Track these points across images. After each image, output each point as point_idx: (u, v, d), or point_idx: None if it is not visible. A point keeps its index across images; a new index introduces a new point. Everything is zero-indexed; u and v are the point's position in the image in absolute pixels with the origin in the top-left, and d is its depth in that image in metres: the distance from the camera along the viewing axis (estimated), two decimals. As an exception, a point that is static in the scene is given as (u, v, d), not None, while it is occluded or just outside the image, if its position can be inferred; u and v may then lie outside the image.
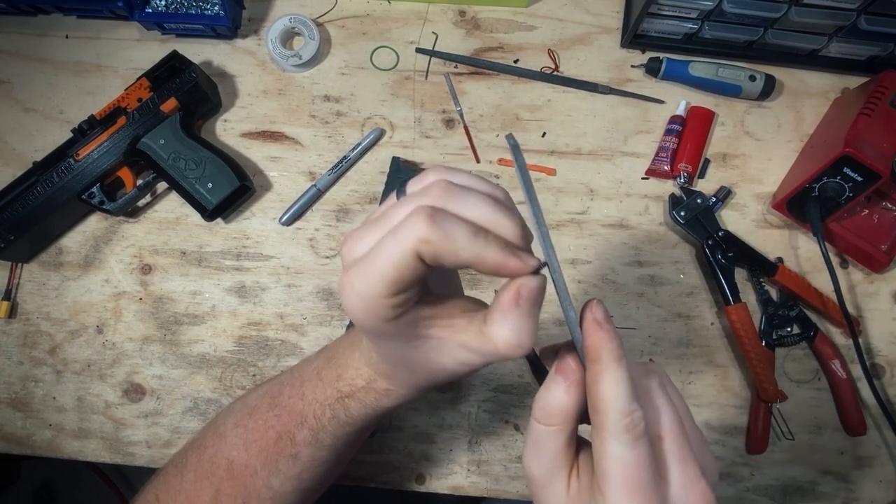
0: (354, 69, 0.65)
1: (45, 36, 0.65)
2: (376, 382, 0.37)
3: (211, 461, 0.43)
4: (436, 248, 0.26)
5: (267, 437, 0.42)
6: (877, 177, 0.54)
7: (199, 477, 0.43)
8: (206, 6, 0.62)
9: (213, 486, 0.42)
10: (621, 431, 0.27)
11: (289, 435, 0.41)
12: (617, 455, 0.27)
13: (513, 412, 0.58)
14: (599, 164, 0.63)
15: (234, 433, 0.43)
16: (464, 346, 0.31)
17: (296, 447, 0.41)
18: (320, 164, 0.63)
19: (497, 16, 0.66)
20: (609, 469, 0.27)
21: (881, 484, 0.58)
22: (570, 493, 0.30)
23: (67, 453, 0.58)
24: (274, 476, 0.42)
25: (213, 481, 0.43)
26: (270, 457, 0.42)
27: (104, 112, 0.59)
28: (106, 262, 0.61)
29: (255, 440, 0.42)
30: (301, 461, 0.42)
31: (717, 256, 0.59)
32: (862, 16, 0.57)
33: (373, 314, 0.28)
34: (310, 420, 0.40)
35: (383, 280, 0.27)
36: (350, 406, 0.39)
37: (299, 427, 0.41)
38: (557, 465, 0.30)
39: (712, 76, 0.63)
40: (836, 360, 0.58)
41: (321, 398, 0.40)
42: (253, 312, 0.60)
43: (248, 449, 0.42)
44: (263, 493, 0.43)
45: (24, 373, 0.59)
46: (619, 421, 0.27)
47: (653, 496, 0.27)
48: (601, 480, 0.27)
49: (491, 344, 0.30)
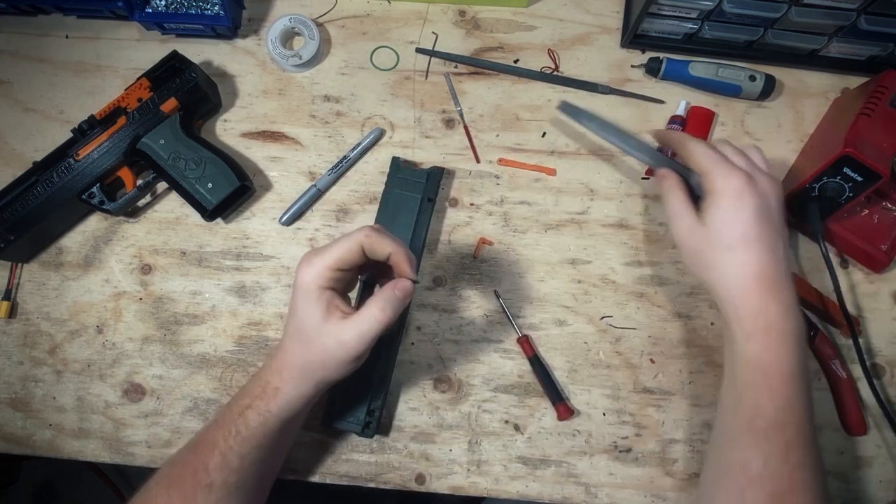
0: (354, 69, 0.65)
1: (45, 36, 0.65)
2: (269, 385, 0.46)
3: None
4: (372, 242, 0.44)
5: (185, 475, 0.45)
6: (877, 177, 0.54)
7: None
8: (206, 6, 0.62)
9: None
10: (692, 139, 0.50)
11: (203, 466, 0.44)
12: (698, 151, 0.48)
13: (513, 412, 0.58)
14: (599, 164, 0.63)
15: (158, 485, 0.46)
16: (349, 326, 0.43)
17: (209, 476, 0.44)
18: (320, 164, 0.63)
19: (497, 16, 0.66)
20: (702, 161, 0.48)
21: (881, 484, 0.58)
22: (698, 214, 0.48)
23: (67, 453, 0.58)
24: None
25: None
26: (188, 494, 0.44)
27: (104, 112, 0.58)
28: (106, 262, 0.61)
29: (175, 482, 0.45)
30: (215, 491, 0.44)
31: (717, 256, 0.59)
32: (862, 16, 0.57)
33: (315, 277, 0.44)
34: (220, 444, 0.45)
35: (332, 256, 0.44)
36: (248, 417, 0.45)
37: (211, 454, 0.45)
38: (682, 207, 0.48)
39: (712, 76, 0.63)
40: (836, 360, 0.58)
41: (228, 420, 0.46)
42: (253, 312, 0.60)
43: (170, 493, 0.45)
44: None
45: (24, 373, 0.59)
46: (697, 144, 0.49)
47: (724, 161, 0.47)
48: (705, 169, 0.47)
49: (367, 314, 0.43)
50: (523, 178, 0.63)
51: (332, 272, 0.44)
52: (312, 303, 0.44)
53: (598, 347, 0.59)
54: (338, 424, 0.54)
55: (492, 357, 0.59)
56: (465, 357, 0.59)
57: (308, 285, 0.44)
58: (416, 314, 0.60)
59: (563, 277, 0.61)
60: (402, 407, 0.58)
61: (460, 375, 0.59)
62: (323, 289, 0.44)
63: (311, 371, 0.45)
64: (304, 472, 0.57)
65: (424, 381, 0.59)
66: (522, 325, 0.59)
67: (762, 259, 0.45)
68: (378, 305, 0.43)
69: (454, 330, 0.60)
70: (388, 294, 0.44)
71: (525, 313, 0.60)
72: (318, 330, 0.44)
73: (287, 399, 0.45)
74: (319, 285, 0.44)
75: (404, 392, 0.58)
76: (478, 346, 0.59)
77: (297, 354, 0.46)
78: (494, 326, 0.60)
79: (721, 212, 0.45)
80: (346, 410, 0.55)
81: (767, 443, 0.42)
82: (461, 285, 0.61)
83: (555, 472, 0.57)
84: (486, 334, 0.60)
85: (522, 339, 0.58)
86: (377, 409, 0.55)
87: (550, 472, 0.57)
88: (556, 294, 0.60)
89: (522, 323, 0.60)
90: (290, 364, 0.46)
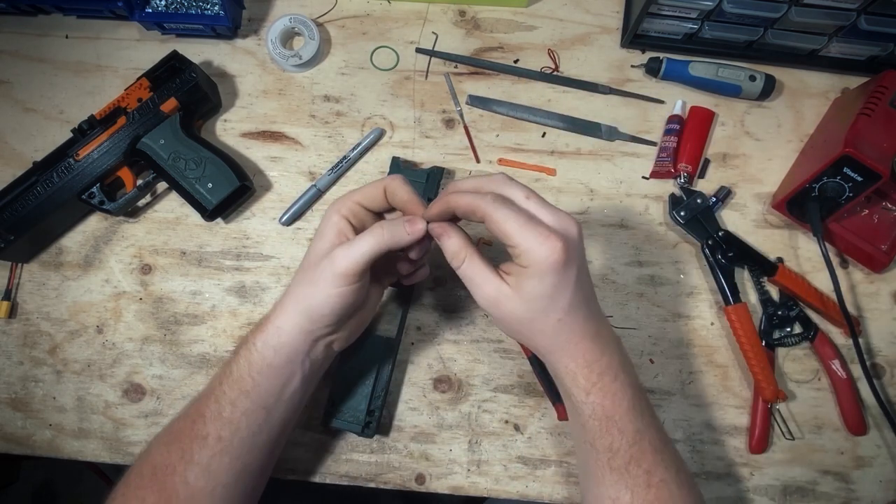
0: (354, 69, 0.65)
1: (45, 36, 0.65)
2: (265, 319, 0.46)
3: (138, 475, 0.45)
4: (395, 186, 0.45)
5: (184, 427, 0.45)
6: (877, 177, 0.54)
7: (127, 497, 0.45)
8: (206, 6, 0.62)
9: (138, 499, 0.44)
10: (496, 204, 0.41)
11: (200, 415, 0.45)
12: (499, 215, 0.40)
13: (513, 412, 0.58)
14: (599, 164, 0.63)
15: (159, 442, 0.46)
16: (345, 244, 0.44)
17: (206, 426, 0.44)
18: (320, 164, 0.63)
19: (497, 16, 0.66)
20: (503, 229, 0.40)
21: (881, 484, 0.58)
22: (507, 279, 0.43)
23: (67, 453, 0.58)
24: (189, 468, 0.44)
25: (138, 494, 0.44)
26: (186, 445, 0.44)
27: (104, 112, 0.58)
28: (106, 262, 0.61)
29: (175, 437, 0.45)
30: (209, 445, 0.44)
31: (717, 256, 0.59)
32: (862, 16, 0.57)
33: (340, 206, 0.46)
34: (215, 389, 0.45)
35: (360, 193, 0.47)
36: (239, 354, 0.46)
37: (207, 401, 0.45)
38: (489, 276, 0.43)
39: (712, 76, 0.63)
40: (836, 360, 0.58)
41: (226, 364, 0.46)
42: (253, 312, 0.60)
43: (170, 447, 0.45)
44: (181, 492, 0.44)
45: (24, 373, 0.59)
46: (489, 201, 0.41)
47: (536, 224, 0.40)
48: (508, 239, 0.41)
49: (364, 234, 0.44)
50: (523, 178, 0.63)
51: (356, 206, 0.46)
52: (329, 227, 0.45)
53: (598, 347, 0.59)
54: (338, 424, 0.54)
55: (492, 357, 0.59)
56: (465, 357, 0.59)
57: (331, 212, 0.46)
58: (416, 314, 0.60)
59: (563, 277, 0.60)
60: (402, 407, 0.58)
61: (460, 375, 0.59)
62: (341, 216, 0.45)
63: (302, 296, 0.45)
64: (304, 472, 0.57)
65: (424, 381, 0.59)
66: (522, 325, 0.59)
67: (587, 317, 0.43)
68: (379, 226, 0.43)
69: (454, 330, 0.60)
70: (395, 222, 0.44)
71: (525, 313, 0.60)
72: (319, 254, 0.44)
73: (275, 329, 0.45)
74: (340, 212, 0.45)
75: (404, 392, 0.58)
76: (478, 346, 0.59)
77: (294, 282, 0.46)
78: (494, 326, 0.60)
79: (543, 286, 0.41)
80: (345, 410, 0.55)
81: (630, 476, 0.43)
82: (461, 285, 0.60)
83: (555, 472, 0.57)
84: (486, 334, 0.60)
85: (522, 339, 0.58)
86: (377, 409, 0.55)
87: (550, 472, 0.57)
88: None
89: (522, 323, 0.60)
90: (287, 293, 0.46)
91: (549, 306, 0.42)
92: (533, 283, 0.41)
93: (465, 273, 0.44)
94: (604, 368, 0.44)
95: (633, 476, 0.43)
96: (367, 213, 0.47)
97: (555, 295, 0.41)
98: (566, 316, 0.42)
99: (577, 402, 0.44)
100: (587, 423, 0.44)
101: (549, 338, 0.43)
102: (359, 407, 0.55)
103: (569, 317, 0.42)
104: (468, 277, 0.44)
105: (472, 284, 0.44)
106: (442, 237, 0.44)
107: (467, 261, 0.43)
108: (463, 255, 0.43)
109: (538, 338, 0.44)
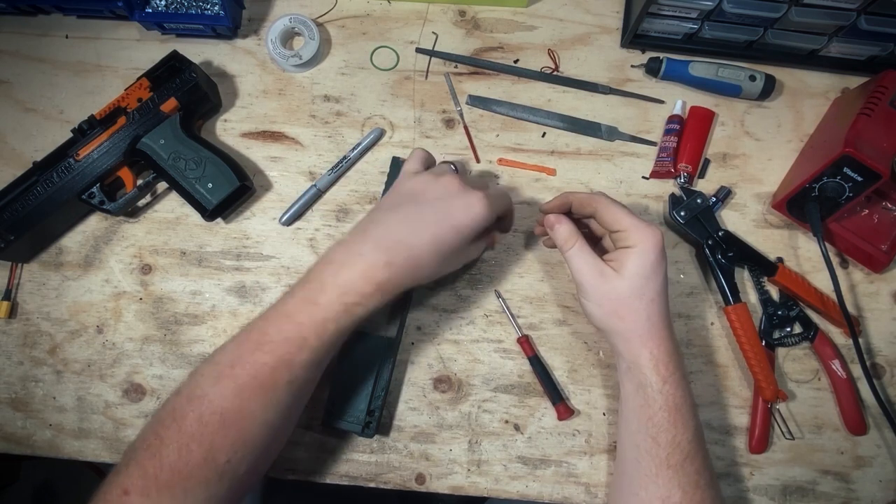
0: (354, 69, 0.65)
1: (45, 36, 0.65)
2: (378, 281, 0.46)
3: (199, 422, 0.42)
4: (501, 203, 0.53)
5: (261, 374, 0.44)
6: (877, 177, 0.54)
7: (184, 444, 0.42)
8: (206, 6, 0.62)
9: (202, 446, 0.42)
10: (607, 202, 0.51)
11: (285, 363, 0.44)
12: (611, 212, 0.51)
13: (513, 412, 0.58)
14: (599, 164, 0.63)
15: (219, 388, 0.44)
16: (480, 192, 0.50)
17: (293, 372, 0.44)
18: (320, 164, 0.63)
19: (497, 16, 0.66)
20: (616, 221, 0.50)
21: (881, 484, 0.58)
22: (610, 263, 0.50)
23: (67, 453, 0.58)
24: (271, 410, 0.44)
25: (202, 441, 0.42)
26: (268, 392, 0.43)
27: (104, 112, 0.58)
28: (106, 262, 0.61)
29: (247, 384, 0.43)
30: (297, 385, 0.44)
31: (717, 256, 0.59)
32: (862, 16, 0.57)
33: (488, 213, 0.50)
34: (311, 341, 0.44)
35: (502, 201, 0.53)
36: (356, 313, 0.46)
37: (299, 351, 0.44)
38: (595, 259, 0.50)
39: (712, 76, 0.63)
40: (836, 360, 0.58)
41: (322, 317, 0.45)
42: (253, 312, 0.60)
43: (241, 394, 0.43)
44: (259, 433, 0.43)
45: (24, 373, 0.59)
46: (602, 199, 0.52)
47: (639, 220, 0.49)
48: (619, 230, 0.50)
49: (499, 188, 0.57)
50: (523, 177, 0.63)
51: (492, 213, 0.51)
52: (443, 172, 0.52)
53: (598, 347, 0.59)
54: (338, 424, 0.54)
55: (492, 357, 0.59)
56: (465, 357, 0.59)
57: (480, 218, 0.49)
58: (416, 314, 0.60)
59: (563, 277, 0.61)
60: (402, 407, 0.58)
61: (460, 375, 0.59)
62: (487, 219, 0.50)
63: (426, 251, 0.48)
64: (304, 472, 0.57)
65: (424, 381, 0.59)
66: (522, 325, 0.59)
67: (667, 307, 0.50)
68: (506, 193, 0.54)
69: (454, 330, 0.60)
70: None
71: (525, 313, 0.60)
72: (445, 194, 0.49)
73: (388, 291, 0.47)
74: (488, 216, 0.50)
75: (404, 392, 0.58)
76: (478, 346, 0.59)
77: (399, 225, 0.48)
78: (494, 326, 0.60)
79: (644, 264, 0.48)
80: (346, 410, 0.55)
81: (684, 475, 0.46)
82: (461, 285, 0.61)
83: (555, 472, 0.57)
84: (486, 334, 0.60)
85: (522, 339, 0.58)
86: (377, 408, 0.55)
87: (550, 472, 0.57)
88: (556, 294, 0.60)
89: (522, 323, 0.60)
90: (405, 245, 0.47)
91: (646, 286, 0.48)
92: (636, 262, 0.48)
93: (574, 255, 0.50)
94: (679, 361, 0.49)
95: (686, 474, 0.46)
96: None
97: (651, 276, 0.48)
98: (658, 297, 0.49)
99: (653, 391, 0.47)
100: (656, 416, 0.47)
101: (640, 320, 0.48)
102: (359, 407, 0.55)
103: (659, 298, 0.49)
104: (576, 259, 0.50)
105: (579, 266, 0.50)
106: (555, 225, 0.52)
107: (577, 246, 0.50)
108: (573, 241, 0.50)
109: (630, 318, 0.49)
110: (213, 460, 0.42)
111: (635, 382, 0.49)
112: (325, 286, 0.46)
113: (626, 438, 0.50)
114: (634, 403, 0.49)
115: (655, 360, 0.48)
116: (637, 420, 0.48)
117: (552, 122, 0.63)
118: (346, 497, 0.75)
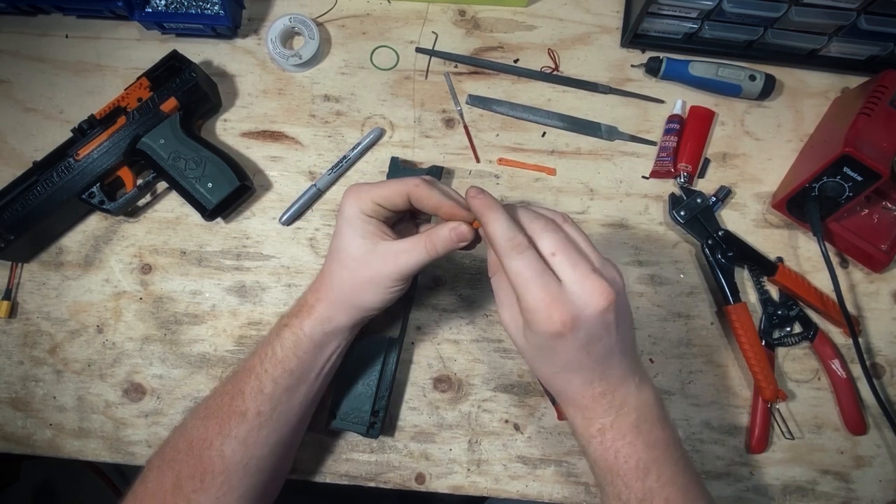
0: (354, 69, 0.65)
1: (45, 36, 0.65)
2: (306, 304, 0.47)
3: (174, 449, 0.46)
4: (420, 194, 0.44)
5: (222, 403, 0.46)
6: (877, 176, 0.54)
7: (162, 469, 0.45)
8: (206, 6, 0.62)
9: (173, 471, 0.45)
10: (508, 250, 0.39)
11: (239, 392, 0.46)
12: (511, 266, 0.39)
13: (513, 412, 0.58)
14: (599, 164, 0.63)
15: (195, 417, 0.47)
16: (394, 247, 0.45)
17: (245, 402, 0.45)
18: (320, 164, 0.63)
19: (497, 15, 0.66)
20: (512, 278, 0.39)
21: (881, 484, 0.58)
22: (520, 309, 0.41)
23: (67, 453, 0.58)
24: (226, 442, 0.45)
25: (173, 467, 0.45)
26: (224, 420, 0.45)
27: (104, 112, 0.58)
28: (106, 261, 0.61)
29: (213, 413, 0.46)
30: (248, 420, 0.45)
31: (717, 256, 0.59)
32: (862, 16, 0.57)
33: (360, 205, 0.45)
34: (256, 367, 0.46)
35: (379, 192, 0.45)
36: (284, 336, 0.47)
37: (248, 378, 0.46)
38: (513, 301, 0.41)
39: (712, 76, 0.63)
40: (836, 360, 0.58)
41: (266, 343, 0.47)
42: (253, 312, 0.60)
43: (207, 422, 0.46)
44: (217, 465, 0.44)
45: (24, 372, 0.59)
46: (504, 244, 0.39)
47: (547, 285, 0.38)
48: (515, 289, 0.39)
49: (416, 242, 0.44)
50: (523, 177, 0.63)
51: (376, 206, 0.45)
52: (357, 229, 0.45)
53: (598, 347, 0.59)
54: (342, 426, 0.54)
55: (492, 357, 0.59)
56: (465, 357, 0.59)
57: (353, 213, 0.45)
58: (416, 314, 0.60)
59: (563, 277, 0.60)
60: (403, 407, 0.58)
61: (460, 375, 0.59)
62: (367, 217, 0.45)
63: (348, 293, 0.46)
64: (304, 472, 0.57)
65: (424, 380, 0.59)
66: (522, 325, 0.59)
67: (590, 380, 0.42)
68: (430, 239, 0.44)
69: (454, 330, 0.60)
70: (442, 232, 0.44)
71: (525, 313, 0.60)
72: (361, 252, 0.45)
73: (320, 318, 0.46)
74: (363, 212, 0.45)
75: (404, 392, 0.58)
76: (478, 346, 0.59)
77: (336, 275, 0.47)
78: (494, 326, 0.60)
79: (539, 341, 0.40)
80: (349, 411, 0.55)
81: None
82: (461, 285, 0.61)
83: (555, 471, 0.57)
84: (486, 334, 0.60)
85: (522, 338, 0.58)
86: (381, 409, 0.55)
87: (550, 472, 0.57)
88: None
89: (522, 323, 0.60)
90: (329, 284, 0.47)
91: (549, 359, 0.41)
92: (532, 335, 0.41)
93: (494, 286, 0.45)
94: (606, 426, 0.42)
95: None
96: (389, 211, 0.46)
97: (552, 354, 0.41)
98: (565, 373, 0.42)
99: (580, 445, 0.44)
100: (592, 467, 0.44)
101: (547, 381, 0.44)
102: (362, 408, 0.54)
103: (568, 374, 0.42)
104: (495, 292, 0.45)
105: (497, 300, 0.45)
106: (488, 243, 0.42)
107: (498, 276, 0.45)
108: (496, 268, 0.44)
109: (540, 376, 0.45)
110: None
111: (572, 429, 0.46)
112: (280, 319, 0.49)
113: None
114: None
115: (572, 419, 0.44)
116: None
117: (552, 122, 0.63)
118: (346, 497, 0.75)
